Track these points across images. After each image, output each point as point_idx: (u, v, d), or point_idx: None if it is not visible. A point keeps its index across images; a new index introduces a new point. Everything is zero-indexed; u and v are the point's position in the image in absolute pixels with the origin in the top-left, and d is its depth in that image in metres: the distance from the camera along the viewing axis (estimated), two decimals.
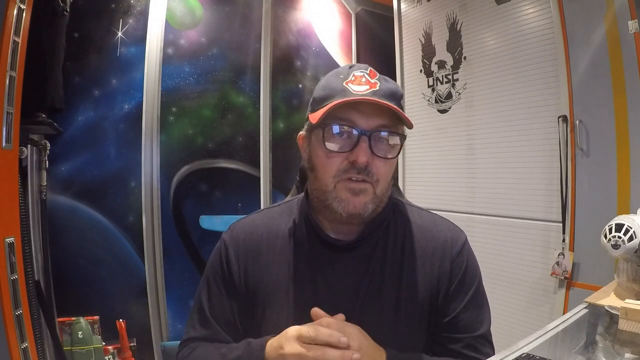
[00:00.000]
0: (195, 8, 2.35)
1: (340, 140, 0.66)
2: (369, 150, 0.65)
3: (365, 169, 0.65)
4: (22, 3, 1.36)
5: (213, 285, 0.76)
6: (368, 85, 0.66)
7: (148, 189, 2.17)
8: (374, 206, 0.68)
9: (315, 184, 0.70)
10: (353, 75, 0.67)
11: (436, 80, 2.23)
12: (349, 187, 0.66)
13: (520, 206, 1.85)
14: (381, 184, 0.67)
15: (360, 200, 0.66)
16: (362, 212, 0.66)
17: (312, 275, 0.72)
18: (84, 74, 2.03)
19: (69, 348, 1.83)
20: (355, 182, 0.65)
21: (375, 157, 0.65)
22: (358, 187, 0.65)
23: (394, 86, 0.68)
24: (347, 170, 0.65)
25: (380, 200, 0.69)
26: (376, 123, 0.65)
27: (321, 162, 0.68)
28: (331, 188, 0.67)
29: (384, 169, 0.67)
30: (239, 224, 0.80)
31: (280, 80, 2.64)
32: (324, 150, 0.67)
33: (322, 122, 0.65)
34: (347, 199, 0.66)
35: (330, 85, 0.68)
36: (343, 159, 0.66)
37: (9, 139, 1.35)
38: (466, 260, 0.75)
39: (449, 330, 0.72)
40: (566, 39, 1.64)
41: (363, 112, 0.65)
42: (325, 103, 0.66)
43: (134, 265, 2.14)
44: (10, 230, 1.37)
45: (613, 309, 0.87)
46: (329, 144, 0.66)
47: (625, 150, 1.51)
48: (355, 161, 0.64)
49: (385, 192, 0.69)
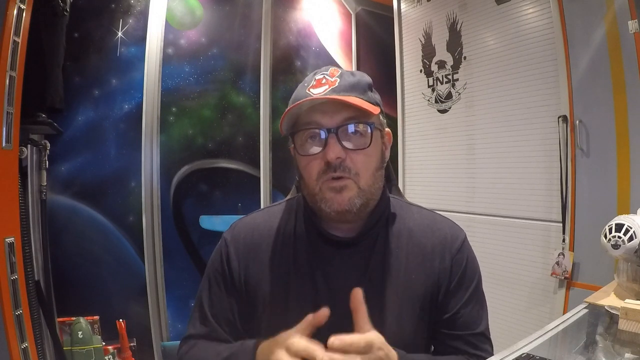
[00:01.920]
0: (195, 8, 2.35)
1: (311, 143, 0.68)
2: (339, 146, 0.65)
3: (341, 165, 0.66)
4: (22, 3, 1.36)
5: (213, 284, 0.77)
6: (327, 85, 0.67)
7: (148, 189, 2.17)
8: (362, 200, 0.68)
9: (305, 190, 0.72)
10: (314, 79, 0.68)
11: (436, 80, 2.23)
12: (331, 186, 0.66)
13: (520, 206, 1.85)
14: (362, 177, 0.67)
15: (344, 196, 0.66)
16: (349, 207, 0.67)
17: (312, 272, 0.72)
18: (84, 74, 2.03)
19: (69, 348, 1.83)
20: (335, 180, 0.66)
21: (348, 151, 0.66)
22: (339, 185, 0.66)
23: (356, 78, 0.69)
24: (325, 171, 0.66)
25: (369, 194, 0.69)
26: (341, 117, 0.66)
27: (303, 168, 0.69)
28: (317, 190, 0.68)
29: (360, 161, 0.67)
30: (240, 223, 0.80)
31: (280, 80, 2.64)
32: (301, 158, 0.69)
33: (289, 132, 0.68)
34: (331, 198, 0.67)
35: (297, 96, 0.69)
36: (319, 160, 0.67)
37: (9, 139, 1.35)
38: (466, 258, 0.75)
39: (449, 326, 0.73)
40: (566, 39, 1.64)
41: (325, 111, 0.66)
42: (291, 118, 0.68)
43: (134, 265, 2.14)
44: (10, 230, 1.37)
45: (613, 309, 0.87)
46: (301, 150, 0.68)
47: (625, 150, 1.51)
48: (327, 160, 0.65)
49: (371, 185, 0.69)
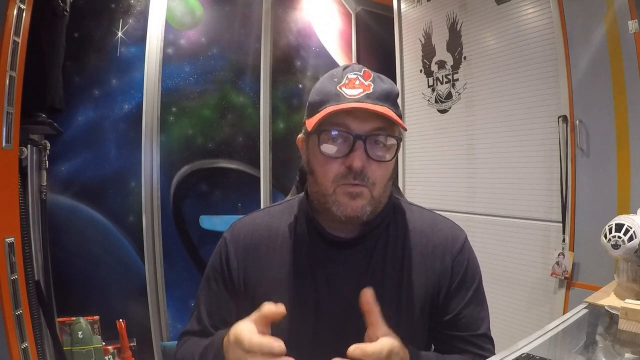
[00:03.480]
0: (195, 8, 2.35)
1: (336, 145, 0.66)
2: (365, 154, 0.65)
3: (361, 173, 0.65)
4: (22, 3, 1.36)
5: (212, 283, 0.77)
6: (362, 88, 0.66)
7: (148, 189, 2.17)
8: (372, 208, 0.68)
9: (314, 187, 0.71)
10: (347, 78, 0.67)
11: (436, 80, 2.23)
12: (347, 191, 0.66)
13: (520, 206, 1.85)
14: (377, 187, 0.68)
15: (358, 203, 0.66)
16: (360, 215, 0.67)
17: (312, 272, 0.72)
18: (84, 74, 2.03)
19: (69, 348, 1.83)
20: (352, 186, 0.66)
21: (371, 161, 0.66)
22: (355, 191, 0.66)
23: (388, 86, 0.68)
24: (344, 176, 0.66)
25: (378, 202, 0.69)
26: (370, 127, 0.65)
27: (319, 168, 0.68)
28: (330, 192, 0.67)
29: (379, 172, 0.67)
30: (240, 223, 0.80)
31: (280, 80, 2.64)
32: (321, 156, 0.67)
33: (317, 129, 0.66)
34: (345, 203, 0.66)
35: (325, 90, 0.68)
36: (340, 164, 0.66)
37: (9, 139, 1.35)
38: (467, 258, 0.75)
39: (451, 328, 0.73)
40: (566, 39, 1.64)
41: (357, 116, 0.65)
42: (320, 108, 0.67)
43: (134, 265, 2.14)
44: (10, 230, 1.37)
45: (613, 309, 0.87)
46: (325, 150, 0.66)
47: (625, 150, 1.51)
48: (351, 166, 0.65)
49: (382, 194, 0.70)
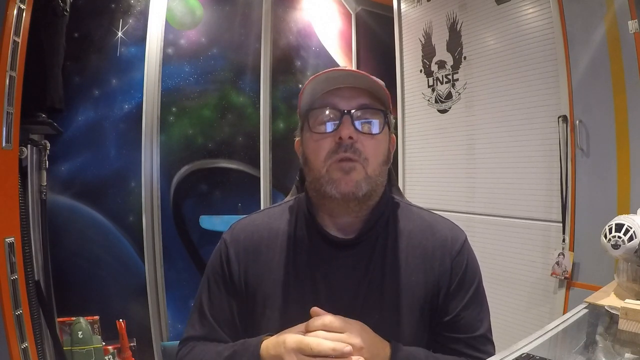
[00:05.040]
0: (195, 8, 2.35)
1: (325, 123, 0.70)
2: (353, 127, 0.68)
3: (352, 147, 0.67)
4: (22, 3, 1.36)
5: (213, 285, 0.76)
6: (347, 69, 0.72)
7: (148, 189, 2.17)
8: (368, 187, 0.68)
9: (310, 175, 0.72)
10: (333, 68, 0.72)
11: (436, 80, 2.23)
12: (340, 166, 0.67)
13: (520, 206, 1.85)
14: (371, 163, 0.69)
15: (352, 177, 0.67)
16: (356, 190, 0.67)
17: (312, 273, 0.72)
18: (84, 74, 2.03)
19: (69, 348, 1.83)
20: (344, 162, 0.67)
21: (360, 134, 0.68)
22: (348, 166, 0.67)
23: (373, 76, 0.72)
24: (335, 151, 0.68)
25: (374, 183, 0.70)
26: (357, 103, 0.70)
27: (312, 149, 0.71)
28: (324, 172, 0.68)
29: (370, 146, 0.69)
30: (240, 224, 0.80)
31: (280, 80, 2.64)
32: (312, 137, 0.70)
33: (306, 110, 0.71)
34: (338, 179, 0.67)
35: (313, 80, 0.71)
36: (331, 140, 0.68)
37: (9, 139, 1.35)
38: (466, 259, 0.75)
39: (450, 329, 0.73)
40: (566, 39, 1.64)
41: (343, 95, 0.70)
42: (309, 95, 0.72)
43: (134, 265, 2.14)
44: (10, 230, 1.37)
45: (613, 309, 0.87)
46: (315, 128, 0.70)
47: (625, 150, 1.51)
48: (340, 138, 0.67)
49: (377, 174, 0.70)
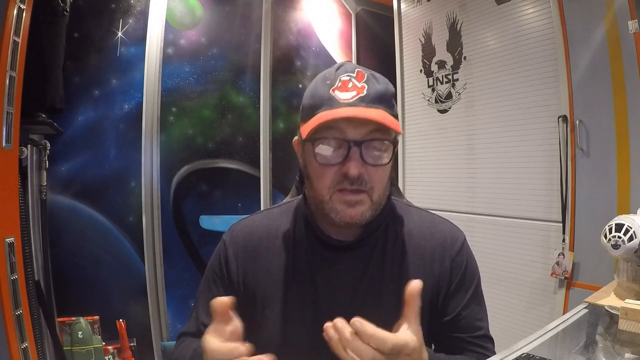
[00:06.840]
0: (195, 8, 2.35)
1: (331, 152, 0.64)
2: (361, 160, 0.63)
3: (358, 179, 0.64)
4: (22, 3, 1.36)
5: (212, 285, 0.77)
6: (355, 91, 0.63)
7: (148, 189, 2.17)
8: (372, 212, 0.67)
9: (311, 192, 0.70)
10: (340, 80, 0.64)
11: (436, 80, 2.23)
12: (344, 199, 0.65)
13: (520, 206, 1.85)
14: (376, 191, 0.66)
15: (357, 210, 0.65)
16: (360, 221, 0.66)
17: (311, 274, 0.72)
18: (84, 74, 2.03)
19: (69, 348, 1.83)
20: (350, 194, 0.64)
21: (367, 166, 0.64)
22: (353, 199, 0.65)
23: (383, 86, 0.66)
24: (340, 182, 0.64)
25: (378, 205, 0.69)
26: (366, 130, 0.63)
27: (315, 174, 0.67)
28: (327, 199, 0.66)
29: (377, 175, 0.66)
30: (239, 225, 0.80)
31: (280, 80, 2.64)
32: (316, 163, 0.65)
33: (311, 137, 0.64)
34: (342, 211, 0.65)
35: (318, 94, 0.66)
36: (336, 170, 0.64)
37: (9, 139, 1.35)
38: (466, 260, 0.75)
39: (451, 329, 0.73)
40: (566, 39, 1.64)
41: (352, 121, 0.63)
42: (313, 113, 0.65)
43: (134, 265, 2.14)
44: (10, 230, 1.37)
45: (613, 309, 0.87)
46: (320, 158, 0.65)
47: (625, 150, 1.51)
48: (347, 173, 0.63)
49: (382, 198, 0.69)
